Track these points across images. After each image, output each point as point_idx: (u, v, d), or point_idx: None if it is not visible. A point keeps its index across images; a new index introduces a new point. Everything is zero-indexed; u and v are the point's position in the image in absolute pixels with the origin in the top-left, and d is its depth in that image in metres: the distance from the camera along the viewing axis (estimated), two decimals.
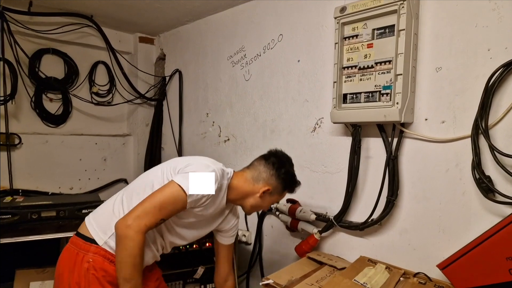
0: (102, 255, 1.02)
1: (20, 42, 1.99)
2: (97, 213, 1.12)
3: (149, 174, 1.13)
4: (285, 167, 1.18)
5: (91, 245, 1.03)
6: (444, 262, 1.07)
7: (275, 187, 1.16)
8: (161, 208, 0.97)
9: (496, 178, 1.05)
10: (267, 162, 1.17)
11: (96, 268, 1.01)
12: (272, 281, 1.21)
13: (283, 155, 1.23)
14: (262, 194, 1.15)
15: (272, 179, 1.15)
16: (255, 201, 1.16)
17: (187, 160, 1.10)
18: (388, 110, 1.18)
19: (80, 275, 1.01)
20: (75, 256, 1.03)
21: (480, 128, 1.05)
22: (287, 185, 1.19)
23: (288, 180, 1.19)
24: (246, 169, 1.20)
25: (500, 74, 1.02)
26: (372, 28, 1.23)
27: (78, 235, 1.08)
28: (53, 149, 2.22)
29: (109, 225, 1.04)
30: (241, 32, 1.91)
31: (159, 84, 2.53)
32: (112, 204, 1.09)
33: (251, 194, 1.15)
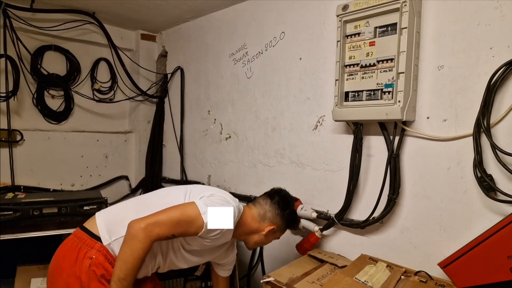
0: (104, 254, 1.03)
1: (22, 38, 1.99)
2: (109, 214, 1.12)
3: (170, 192, 1.15)
4: (290, 207, 1.26)
5: (96, 242, 1.04)
6: (445, 261, 1.07)
7: (279, 226, 1.22)
8: (176, 224, 0.99)
9: (498, 176, 1.05)
10: (272, 201, 1.23)
11: (98, 265, 1.01)
12: (273, 278, 1.22)
13: (287, 195, 1.29)
14: (267, 233, 1.21)
15: (277, 218, 1.22)
16: (259, 238, 1.22)
17: (212, 191, 1.15)
18: (390, 108, 1.18)
19: (81, 270, 1.01)
20: (77, 251, 1.03)
21: (482, 127, 1.05)
22: (290, 225, 1.29)
23: (292, 220, 1.29)
24: (252, 205, 1.25)
25: (502, 72, 1.02)
26: (374, 26, 1.23)
27: (83, 230, 1.08)
28: (54, 146, 2.22)
29: (116, 230, 1.05)
30: (243, 29, 1.91)
31: (161, 81, 2.54)
32: (125, 210, 1.11)
33: (256, 231, 1.21)
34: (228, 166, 2.02)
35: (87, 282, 1.00)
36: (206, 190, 1.14)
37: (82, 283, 1.00)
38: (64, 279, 1.02)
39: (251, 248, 1.29)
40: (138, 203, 1.14)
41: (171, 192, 1.16)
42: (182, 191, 1.14)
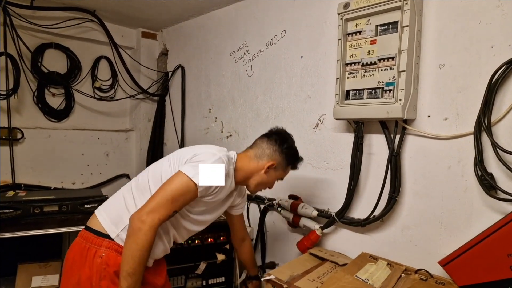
0: (114, 249, 1.03)
1: (23, 36, 1.99)
2: (108, 206, 1.12)
3: (156, 168, 1.13)
4: (287, 142, 1.21)
5: (103, 239, 1.04)
6: (446, 259, 1.08)
7: (279, 162, 1.18)
8: (173, 201, 0.98)
9: (498, 175, 1.05)
10: (269, 139, 1.20)
11: (109, 263, 1.01)
12: (273, 276, 1.22)
13: (284, 132, 1.25)
14: (267, 170, 1.17)
15: (275, 154, 1.18)
16: (260, 178, 1.18)
17: (193, 150, 1.10)
18: (390, 107, 1.18)
19: (92, 270, 1.01)
20: (86, 251, 1.04)
21: (483, 125, 1.05)
22: (290, 160, 1.22)
23: (291, 154, 1.21)
24: (249, 148, 1.23)
25: (503, 71, 1.02)
26: (376, 25, 1.23)
27: (88, 230, 1.08)
28: (55, 144, 2.23)
29: (121, 218, 1.05)
30: (244, 27, 1.91)
31: (162, 80, 2.54)
32: (123, 198, 1.10)
33: (256, 171, 1.17)
34: None
35: (97, 281, 1.00)
36: (188, 153, 1.09)
37: (93, 283, 1.00)
38: (76, 281, 1.03)
39: (253, 191, 1.23)
40: (133, 187, 1.11)
41: (158, 168, 1.11)
42: (165, 160, 1.12)
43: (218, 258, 1.58)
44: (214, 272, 1.61)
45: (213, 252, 1.58)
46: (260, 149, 1.19)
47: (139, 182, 1.12)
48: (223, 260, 1.58)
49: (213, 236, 1.60)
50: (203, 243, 1.57)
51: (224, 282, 1.64)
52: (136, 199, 1.06)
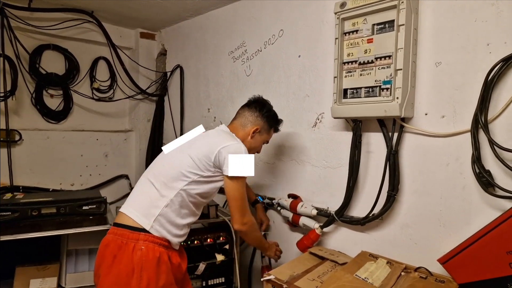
0: (151, 241, 1.12)
1: (20, 38, 1.99)
2: (134, 202, 1.20)
3: (175, 161, 1.22)
4: (266, 106, 1.40)
5: (139, 233, 1.12)
6: (445, 257, 1.07)
7: (262, 126, 1.36)
8: (245, 198, 1.25)
9: (496, 172, 1.05)
10: (249, 107, 1.39)
11: (149, 255, 1.10)
12: (273, 276, 1.22)
13: (262, 99, 1.43)
14: (253, 134, 1.35)
15: (258, 119, 1.36)
16: (249, 144, 1.33)
17: (215, 144, 1.21)
18: (388, 105, 1.18)
19: (133, 263, 1.08)
20: (124, 246, 1.11)
21: (480, 123, 1.05)
22: (272, 122, 1.40)
23: (271, 117, 1.40)
24: (233, 120, 1.40)
25: (499, 68, 1.02)
26: (372, 23, 1.23)
27: (120, 226, 1.15)
28: (54, 145, 2.22)
29: (149, 211, 1.15)
30: (242, 27, 1.91)
31: (161, 80, 2.54)
32: (146, 193, 1.19)
33: (244, 138, 1.34)
34: None
35: (139, 273, 1.08)
36: (210, 147, 1.20)
37: (135, 275, 1.08)
38: (115, 275, 1.09)
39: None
40: (153, 182, 1.20)
41: (175, 159, 1.23)
42: (185, 154, 1.22)
43: (218, 259, 1.57)
44: (214, 273, 1.60)
45: (213, 253, 1.58)
46: (243, 118, 1.36)
47: (159, 177, 1.20)
48: (223, 260, 1.58)
49: (213, 236, 1.60)
50: (202, 244, 1.56)
51: (224, 283, 1.63)
52: (161, 191, 1.17)
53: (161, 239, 1.14)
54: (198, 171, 1.19)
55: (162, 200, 1.16)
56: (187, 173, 1.18)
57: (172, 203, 1.17)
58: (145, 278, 1.08)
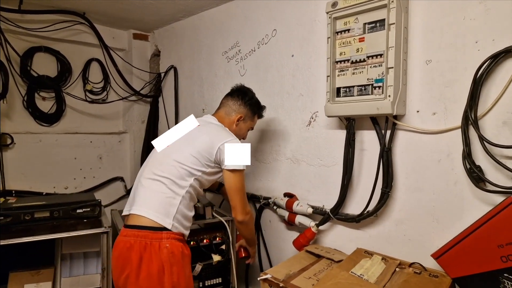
0: (174, 238, 1.19)
1: (11, 40, 1.96)
2: (149, 202, 1.23)
3: (179, 158, 1.26)
4: (248, 95, 1.46)
5: (162, 232, 1.17)
6: (438, 252, 1.09)
7: (245, 114, 1.44)
8: (244, 189, 1.34)
9: (486, 167, 1.07)
10: (232, 96, 1.45)
11: (174, 251, 1.17)
12: (270, 275, 1.22)
13: (244, 87, 1.50)
14: (237, 122, 1.42)
15: (241, 107, 1.43)
16: (234, 132, 1.39)
17: (212, 140, 1.28)
18: (380, 103, 1.20)
19: (162, 260, 1.15)
20: (149, 247, 1.15)
21: (470, 119, 1.07)
22: (255, 109, 1.47)
23: (254, 104, 1.47)
24: (218, 110, 1.47)
25: (487, 65, 1.04)
26: (363, 23, 1.24)
27: (140, 228, 1.18)
28: (47, 149, 2.19)
29: (169, 210, 1.21)
30: (235, 27, 1.92)
31: (154, 81, 2.53)
32: (160, 192, 1.23)
33: (230, 126, 1.41)
34: None
35: (169, 269, 1.15)
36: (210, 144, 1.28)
37: (165, 271, 1.14)
38: (145, 275, 1.14)
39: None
40: (162, 179, 1.24)
41: (180, 157, 1.26)
42: (189, 156, 1.26)
43: (214, 259, 1.57)
44: (211, 273, 1.60)
45: (209, 254, 1.58)
46: (227, 107, 1.44)
47: (167, 175, 1.24)
48: (219, 261, 1.58)
49: (209, 237, 1.60)
50: (198, 244, 1.56)
51: (221, 283, 1.63)
52: (173, 189, 1.23)
53: (179, 234, 1.22)
54: (201, 167, 1.27)
55: (177, 198, 1.22)
56: (193, 171, 1.26)
57: (184, 199, 1.24)
58: (175, 272, 1.16)
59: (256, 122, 1.53)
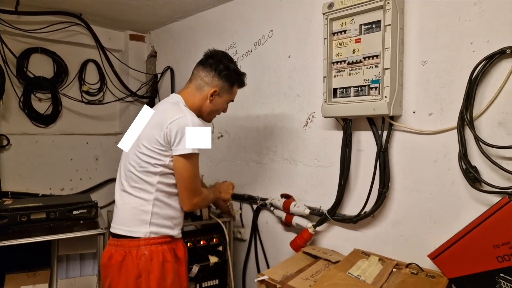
0: (153, 243, 1.12)
1: (8, 41, 1.95)
2: (120, 219, 1.17)
3: (134, 158, 1.14)
4: (222, 63, 1.18)
5: (139, 239, 1.12)
6: (435, 252, 1.09)
7: (221, 87, 1.18)
8: (196, 176, 1.14)
9: (482, 168, 1.07)
10: (204, 66, 1.19)
11: (153, 257, 1.11)
12: (267, 277, 1.22)
13: (217, 52, 1.22)
14: (211, 98, 1.18)
15: (214, 80, 1.17)
16: (209, 108, 1.20)
17: (159, 124, 1.09)
18: (377, 104, 1.20)
19: (140, 268, 1.10)
20: (128, 255, 1.11)
21: (466, 120, 1.07)
22: (232, 80, 1.21)
23: (231, 75, 1.19)
24: (188, 82, 1.22)
25: (483, 66, 1.04)
26: (360, 24, 1.25)
27: (119, 237, 1.15)
28: (43, 150, 2.18)
29: (141, 220, 1.12)
30: (232, 28, 1.91)
31: (151, 82, 2.52)
32: (128, 204, 1.15)
33: (203, 103, 1.19)
34: (220, 165, 2.02)
35: (147, 275, 1.10)
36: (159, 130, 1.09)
37: (143, 278, 1.10)
38: (124, 283, 1.11)
39: (209, 120, 1.26)
40: (127, 188, 1.15)
41: (134, 155, 1.13)
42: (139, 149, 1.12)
43: (211, 261, 1.57)
44: (208, 275, 1.59)
45: (206, 255, 1.57)
46: (199, 79, 1.18)
47: (129, 181, 1.15)
48: (216, 262, 1.57)
49: (206, 238, 1.59)
50: (195, 246, 1.56)
51: (218, 285, 1.63)
52: (140, 196, 1.13)
53: (163, 237, 1.14)
54: (159, 161, 1.09)
55: (147, 204, 1.12)
56: (152, 168, 1.10)
57: (157, 202, 1.13)
58: (153, 280, 1.11)
59: (236, 93, 1.26)
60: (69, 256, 1.56)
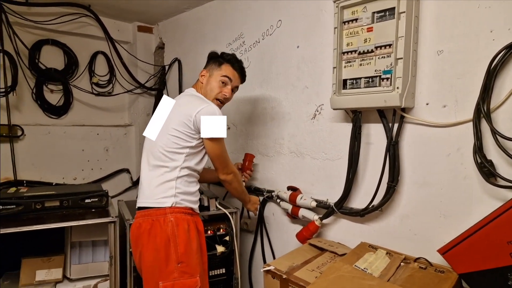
0: (178, 211, 1.26)
1: (19, 33, 1.98)
2: (147, 193, 1.30)
3: (163, 141, 1.30)
4: (210, 54, 1.47)
5: (165, 208, 1.25)
6: (445, 247, 1.07)
7: (208, 68, 1.43)
8: (224, 153, 1.37)
9: (498, 162, 1.03)
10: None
11: (179, 224, 1.24)
12: (273, 267, 1.23)
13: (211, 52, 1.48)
14: (202, 78, 1.42)
15: (205, 66, 1.45)
16: (204, 89, 1.40)
17: (188, 112, 1.27)
18: (388, 95, 1.16)
19: (168, 233, 1.22)
20: (155, 222, 1.23)
21: (482, 112, 1.03)
22: (217, 60, 1.42)
23: (215, 57, 1.44)
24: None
25: (502, 56, 0.99)
26: (372, 12, 1.20)
27: (146, 208, 1.27)
28: (55, 140, 2.24)
29: (166, 193, 1.26)
30: (240, 18, 1.88)
31: (159, 73, 2.53)
32: (156, 179, 1.29)
33: (201, 87, 1.42)
34: None
35: (175, 239, 1.22)
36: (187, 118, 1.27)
37: (171, 242, 1.21)
38: (153, 249, 1.22)
39: (212, 100, 1.39)
40: (155, 166, 1.30)
41: (163, 139, 1.30)
42: (169, 133, 1.29)
43: (218, 250, 1.59)
44: (215, 264, 1.62)
45: (213, 244, 1.59)
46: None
47: (157, 161, 1.29)
48: (223, 252, 1.60)
49: (213, 228, 1.61)
50: None
51: (224, 274, 1.65)
52: (168, 173, 1.28)
53: (186, 209, 1.28)
54: (186, 143, 1.28)
55: (171, 181, 1.27)
56: (179, 149, 1.28)
57: (180, 180, 1.28)
58: (181, 244, 1.22)
59: (229, 71, 1.40)
60: (82, 242, 1.62)
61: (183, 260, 1.22)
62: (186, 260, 1.22)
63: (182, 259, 1.22)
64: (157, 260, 1.21)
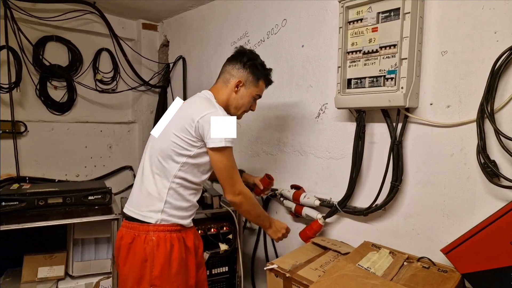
0: (162, 230, 1.13)
1: (24, 29, 1.98)
2: (135, 201, 1.20)
3: (160, 144, 1.18)
4: (246, 55, 1.23)
5: (149, 225, 1.13)
6: (448, 247, 1.07)
7: (246, 78, 1.22)
8: (234, 167, 1.16)
9: (501, 162, 1.04)
10: (230, 61, 1.25)
11: (160, 244, 1.12)
12: (276, 266, 1.23)
13: (243, 48, 1.28)
14: (236, 89, 1.21)
15: (240, 71, 1.21)
16: (235, 101, 1.23)
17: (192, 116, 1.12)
18: (392, 95, 1.17)
19: (146, 253, 1.12)
20: (137, 238, 1.14)
21: (486, 112, 1.04)
22: (257, 72, 1.24)
23: (255, 66, 1.23)
24: (217, 79, 1.28)
25: (506, 57, 1.00)
26: (377, 12, 1.21)
27: (131, 220, 1.17)
28: (58, 137, 2.24)
29: (154, 206, 1.15)
30: (245, 17, 1.89)
31: (163, 71, 2.53)
32: (146, 188, 1.18)
33: (230, 96, 1.22)
34: None
35: (152, 260, 1.12)
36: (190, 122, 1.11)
37: (148, 263, 1.12)
38: (130, 265, 1.14)
39: (236, 114, 1.26)
40: (148, 173, 1.19)
41: (161, 142, 1.18)
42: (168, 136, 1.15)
43: (221, 248, 1.59)
44: (217, 262, 1.63)
45: (216, 243, 1.60)
46: (226, 73, 1.23)
47: (152, 167, 1.18)
48: (226, 250, 1.60)
49: (216, 226, 1.62)
50: (206, 234, 1.58)
51: (227, 272, 1.66)
52: (158, 183, 1.16)
53: (172, 225, 1.15)
54: (185, 151, 1.12)
55: (163, 192, 1.14)
56: (176, 157, 1.13)
57: (172, 191, 1.15)
58: (157, 266, 1.12)
59: (263, 89, 1.28)
60: (84, 240, 1.62)
61: (156, 283, 1.11)
62: (160, 284, 1.12)
63: (155, 282, 1.11)
64: (130, 278, 1.14)
